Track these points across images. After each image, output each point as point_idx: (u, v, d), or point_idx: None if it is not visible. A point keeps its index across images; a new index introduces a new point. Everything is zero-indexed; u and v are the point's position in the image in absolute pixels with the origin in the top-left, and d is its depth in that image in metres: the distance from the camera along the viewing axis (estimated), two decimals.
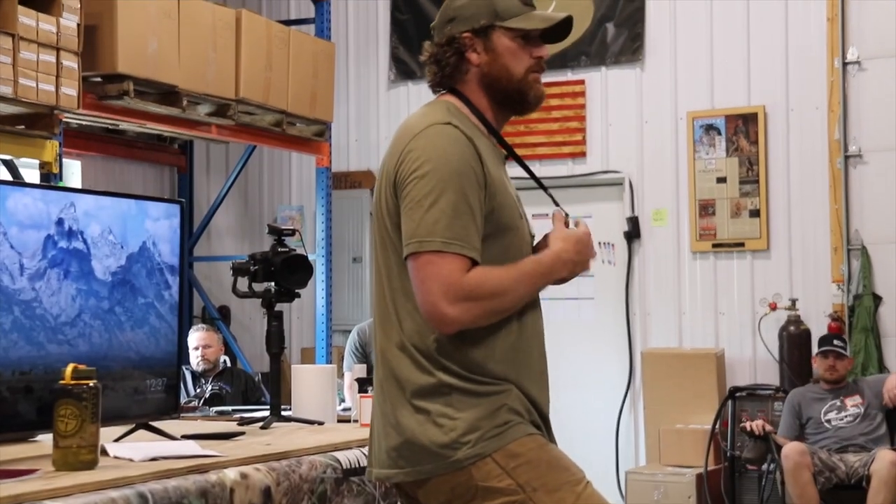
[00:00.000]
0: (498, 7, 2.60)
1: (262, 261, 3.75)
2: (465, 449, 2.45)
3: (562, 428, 9.35)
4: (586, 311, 8.33)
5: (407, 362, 2.50)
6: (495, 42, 2.60)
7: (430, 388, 2.47)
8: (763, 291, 7.79)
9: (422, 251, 2.42)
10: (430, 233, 2.41)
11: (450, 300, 2.40)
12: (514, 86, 2.62)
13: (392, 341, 2.53)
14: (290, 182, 9.27)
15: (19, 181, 6.05)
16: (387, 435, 2.53)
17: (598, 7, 8.30)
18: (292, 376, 3.88)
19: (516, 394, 2.52)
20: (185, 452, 2.82)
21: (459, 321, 2.42)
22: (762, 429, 6.87)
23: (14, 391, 2.74)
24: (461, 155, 2.47)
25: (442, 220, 2.41)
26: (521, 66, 2.61)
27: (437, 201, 2.42)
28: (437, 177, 2.43)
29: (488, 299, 2.44)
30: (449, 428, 2.45)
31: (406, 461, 2.48)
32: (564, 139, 8.34)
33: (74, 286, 2.88)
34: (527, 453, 2.48)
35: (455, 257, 2.41)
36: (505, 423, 2.48)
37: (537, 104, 2.67)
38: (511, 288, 2.47)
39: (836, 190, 7.58)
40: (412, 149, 2.48)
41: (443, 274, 2.40)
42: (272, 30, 7.50)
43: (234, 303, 9.05)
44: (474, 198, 2.45)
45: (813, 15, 7.71)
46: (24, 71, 5.51)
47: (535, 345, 2.61)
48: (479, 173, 2.48)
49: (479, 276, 2.43)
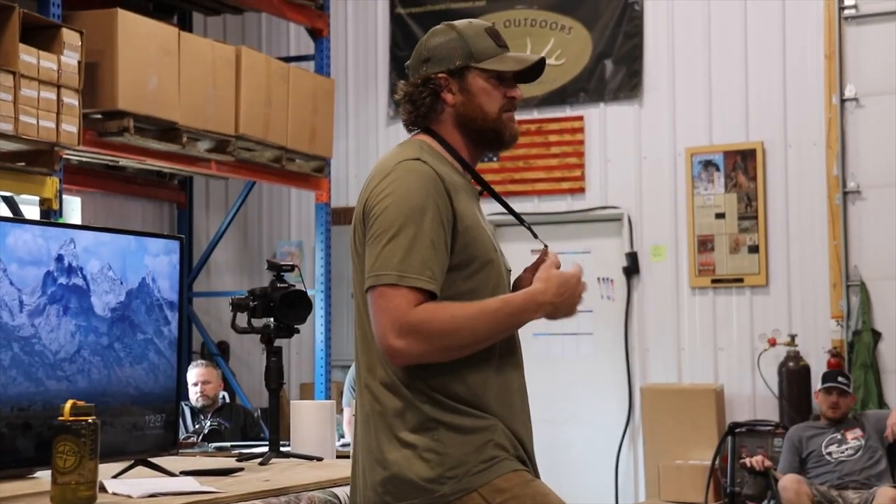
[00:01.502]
0: (473, 48, 2.65)
1: (261, 296, 3.75)
2: (452, 483, 2.46)
3: (561, 463, 9.30)
4: (585, 347, 8.33)
5: (392, 397, 2.52)
6: (470, 82, 2.65)
7: (416, 423, 2.49)
8: (762, 327, 7.79)
9: (378, 284, 2.46)
10: (386, 266, 2.45)
11: (395, 333, 2.43)
12: (489, 125, 2.66)
13: (377, 377, 2.55)
14: (289, 217, 9.29)
15: (19, 218, 6.06)
16: (373, 470, 2.53)
17: (596, 44, 8.35)
18: (291, 412, 3.87)
19: (502, 429, 2.53)
20: (184, 489, 2.81)
21: (406, 354, 2.44)
22: (762, 464, 6.85)
23: (13, 427, 2.74)
24: (425, 190, 2.49)
25: (398, 253, 2.44)
26: (495, 105, 2.66)
27: (397, 236, 2.45)
28: (397, 211, 2.47)
29: (437, 335, 2.44)
30: (436, 462, 2.46)
31: (392, 497, 2.49)
32: (563, 175, 8.36)
33: (74, 322, 2.88)
34: (513, 489, 2.49)
35: (407, 290, 2.43)
36: (491, 459, 2.49)
37: (512, 142, 2.72)
38: (465, 326, 2.45)
39: (834, 226, 7.60)
40: (379, 185, 2.53)
41: (391, 307, 2.43)
42: (272, 66, 7.54)
43: (233, 338, 9.04)
44: (436, 232, 2.47)
45: (811, 52, 7.76)
46: (25, 108, 5.53)
47: (515, 382, 2.62)
48: (446, 209, 2.50)
49: (428, 310, 2.44)
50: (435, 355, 2.46)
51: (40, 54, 5.64)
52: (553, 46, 8.45)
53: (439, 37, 2.68)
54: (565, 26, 8.46)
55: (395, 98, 2.77)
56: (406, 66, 2.74)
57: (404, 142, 2.69)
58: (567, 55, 8.42)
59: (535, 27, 8.52)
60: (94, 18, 6.31)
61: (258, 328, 3.80)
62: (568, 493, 8.28)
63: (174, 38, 6.72)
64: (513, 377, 2.61)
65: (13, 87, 5.46)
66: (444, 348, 2.46)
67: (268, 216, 9.35)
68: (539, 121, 8.44)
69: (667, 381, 7.98)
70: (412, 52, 2.74)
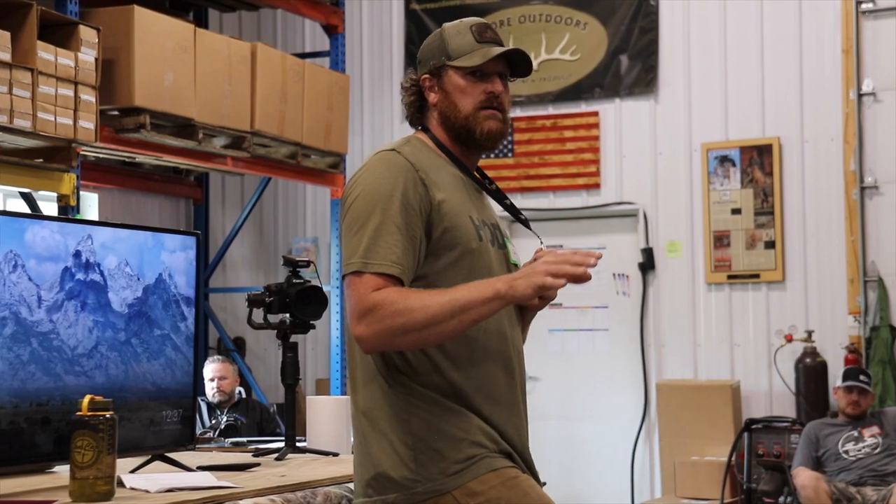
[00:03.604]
0: (450, 47, 2.69)
1: (277, 292, 3.76)
2: (426, 484, 2.48)
3: (576, 459, 9.30)
4: (601, 343, 8.32)
5: (374, 392, 2.54)
6: (446, 81, 2.69)
7: (394, 418, 2.51)
8: (779, 323, 7.76)
9: (346, 273, 2.50)
10: (352, 255, 2.49)
11: (356, 317, 2.46)
12: (461, 122, 2.67)
13: (363, 371, 2.58)
14: (304, 213, 9.30)
15: (37, 214, 6.09)
16: (361, 465, 2.58)
17: (611, 39, 8.34)
18: (307, 407, 3.88)
19: (478, 424, 2.52)
20: (201, 484, 2.82)
21: (367, 339, 2.45)
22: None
23: (31, 422, 2.75)
24: (393, 179, 2.53)
25: (364, 241, 2.48)
26: (470, 102, 2.66)
27: (365, 225, 2.50)
28: (365, 201, 2.52)
29: (393, 315, 2.42)
30: (409, 458, 2.49)
31: (374, 491, 2.53)
32: (578, 171, 8.35)
33: (91, 318, 2.90)
34: (487, 492, 2.48)
35: (370, 276, 2.46)
36: (468, 459, 2.49)
37: (488, 140, 2.69)
38: (419, 304, 2.42)
39: (851, 221, 7.57)
40: (354, 177, 2.61)
41: (354, 294, 2.47)
42: (287, 63, 7.55)
43: (249, 334, 9.06)
44: (403, 220, 2.50)
45: (828, 46, 7.73)
46: (43, 105, 5.56)
47: (501, 373, 2.60)
48: (419, 196, 2.53)
49: (384, 293, 2.44)
50: (396, 338, 2.45)
51: (58, 51, 5.66)
52: (568, 42, 8.44)
53: (428, 39, 2.76)
54: (580, 22, 8.44)
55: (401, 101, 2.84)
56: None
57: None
58: (582, 51, 8.41)
59: (549, 23, 8.51)
60: (110, 15, 6.33)
61: (274, 324, 3.81)
62: (583, 490, 8.31)
63: (190, 35, 6.74)
64: (499, 369, 2.59)
65: (31, 84, 5.49)
66: (400, 329, 2.43)
67: (283, 212, 9.37)
68: (554, 116, 8.43)
69: (683, 378, 7.96)
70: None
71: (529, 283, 2.44)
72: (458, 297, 2.44)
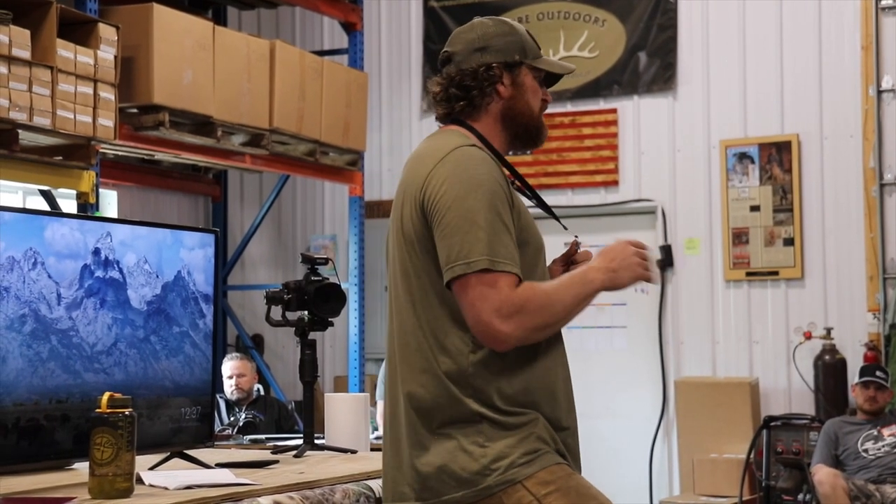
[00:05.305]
0: (525, 46, 2.68)
1: (295, 290, 3.76)
2: (496, 475, 2.45)
3: (595, 456, 9.36)
4: (619, 340, 8.31)
5: (437, 392, 2.51)
6: (522, 78, 2.67)
7: (461, 418, 2.48)
8: (798, 320, 7.74)
9: (469, 272, 2.43)
10: (474, 253, 2.42)
11: (502, 317, 2.41)
12: (533, 122, 2.70)
13: (422, 372, 2.54)
14: (323, 211, 9.32)
15: (57, 211, 6.11)
16: (412, 466, 2.53)
17: (630, 36, 8.32)
18: (325, 405, 3.88)
19: (543, 423, 2.53)
20: (220, 481, 2.83)
21: (514, 336, 2.44)
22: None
23: (51, 419, 2.76)
24: (490, 174, 2.50)
25: (483, 239, 2.43)
26: (537, 104, 2.71)
27: (476, 222, 2.44)
28: (470, 198, 2.45)
29: (538, 311, 2.44)
30: (479, 454, 2.46)
31: (431, 493, 2.49)
32: (597, 167, 8.34)
33: (110, 315, 2.91)
34: (557, 481, 2.48)
35: (502, 275, 2.43)
36: (535, 451, 2.48)
37: (543, 142, 2.77)
38: (557, 298, 2.47)
39: (871, 218, 7.54)
40: (439, 173, 2.50)
41: (493, 292, 2.41)
42: (306, 60, 7.56)
43: (267, 331, 9.08)
44: (507, 216, 2.48)
45: (847, 43, 7.69)
46: (62, 103, 5.58)
47: (560, 373, 2.62)
48: (508, 192, 2.52)
49: (527, 289, 2.45)
50: (537, 332, 2.48)
51: (77, 49, 5.69)
52: (586, 39, 8.43)
53: (491, 28, 2.67)
54: (599, 19, 8.43)
55: (430, 87, 2.71)
56: (450, 54, 2.68)
57: (439, 132, 2.68)
58: (601, 48, 8.39)
59: (568, 20, 8.50)
60: (129, 13, 6.35)
61: (292, 321, 3.81)
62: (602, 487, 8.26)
63: (209, 33, 6.76)
64: (558, 369, 2.60)
65: (51, 82, 5.51)
66: (545, 324, 2.47)
67: (302, 210, 9.39)
68: (572, 113, 8.42)
69: (701, 375, 7.95)
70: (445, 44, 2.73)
71: (632, 275, 2.53)
72: (577, 290, 2.49)
